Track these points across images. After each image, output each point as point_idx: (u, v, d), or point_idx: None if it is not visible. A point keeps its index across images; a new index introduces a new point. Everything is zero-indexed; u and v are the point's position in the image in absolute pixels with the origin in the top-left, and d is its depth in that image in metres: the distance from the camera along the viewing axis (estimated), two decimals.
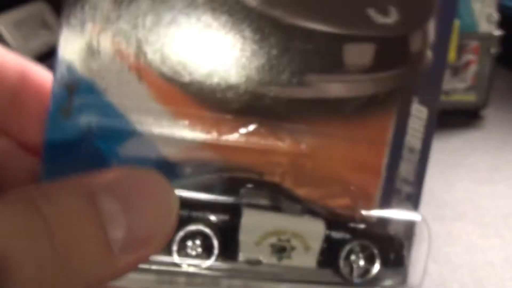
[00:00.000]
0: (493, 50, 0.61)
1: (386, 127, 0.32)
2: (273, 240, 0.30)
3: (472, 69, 0.62)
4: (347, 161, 0.32)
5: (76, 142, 0.29)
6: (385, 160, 0.32)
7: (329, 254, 0.30)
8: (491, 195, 0.49)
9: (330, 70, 0.31)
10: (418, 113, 0.32)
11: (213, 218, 0.29)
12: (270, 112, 0.31)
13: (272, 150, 0.32)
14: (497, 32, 0.61)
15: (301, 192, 0.32)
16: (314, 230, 0.30)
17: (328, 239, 0.30)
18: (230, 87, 0.31)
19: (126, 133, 0.30)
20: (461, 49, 0.61)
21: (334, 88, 0.32)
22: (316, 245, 0.30)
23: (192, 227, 0.29)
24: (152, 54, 0.30)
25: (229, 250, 0.29)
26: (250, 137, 0.31)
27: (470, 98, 0.63)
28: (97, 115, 0.29)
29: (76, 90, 0.29)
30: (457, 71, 0.62)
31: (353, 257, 0.31)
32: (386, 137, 0.32)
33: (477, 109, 0.63)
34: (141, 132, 0.30)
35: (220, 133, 0.31)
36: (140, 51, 0.30)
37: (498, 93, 0.66)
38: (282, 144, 0.32)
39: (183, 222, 0.28)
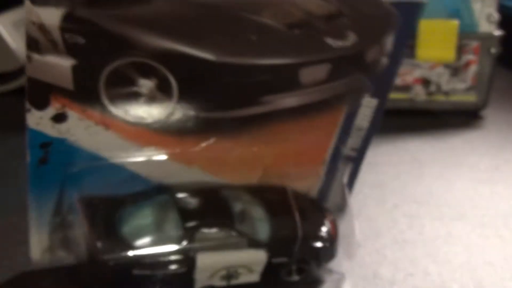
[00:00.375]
0: (494, 50, 0.61)
1: (336, 118, 0.38)
2: (223, 272, 0.34)
3: (472, 69, 0.62)
4: (296, 151, 0.38)
5: (56, 181, 0.34)
6: (334, 140, 0.38)
7: (270, 272, 0.35)
8: (491, 195, 0.49)
9: (286, 90, 0.36)
10: (369, 104, 0.38)
11: (172, 271, 0.33)
12: (228, 128, 0.36)
13: (228, 155, 0.36)
14: (498, 32, 0.61)
15: (256, 182, 0.37)
16: (257, 259, 0.35)
17: (269, 263, 0.35)
18: (190, 119, 0.35)
19: (101, 166, 0.35)
20: (461, 49, 0.61)
21: (288, 101, 0.36)
22: (259, 268, 0.35)
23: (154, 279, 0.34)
24: (115, 111, 0.33)
25: (186, 286, 0.34)
26: (210, 148, 0.36)
27: (470, 98, 0.63)
28: (72, 158, 0.34)
29: (50, 145, 0.33)
30: (457, 71, 0.62)
31: (291, 270, 0.36)
32: (336, 125, 0.38)
33: (477, 109, 0.63)
34: (113, 162, 0.35)
35: (184, 149, 0.36)
36: (104, 110, 0.33)
37: (498, 93, 0.66)
38: (238, 148, 0.36)
39: (146, 278, 0.33)
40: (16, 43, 0.61)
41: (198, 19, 0.32)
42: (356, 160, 0.40)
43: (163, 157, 0.36)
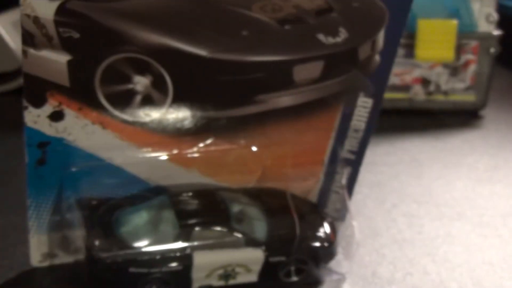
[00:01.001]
0: (493, 50, 0.61)
1: (333, 118, 0.38)
2: (220, 271, 0.34)
3: (471, 69, 0.62)
4: (294, 152, 0.37)
5: (54, 182, 0.34)
6: (331, 141, 0.38)
7: (269, 272, 0.35)
8: (490, 194, 0.49)
9: (280, 88, 0.35)
10: (364, 104, 0.38)
11: (168, 269, 0.33)
12: (225, 128, 0.36)
13: (226, 157, 0.36)
14: (497, 32, 0.61)
15: (253, 182, 0.37)
16: (255, 258, 0.35)
17: (267, 262, 0.35)
18: (187, 118, 0.34)
19: (99, 167, 0.35)
20: (460, 49, 0.61)
21: (284, 100, 0.36)
22: (257, 268, 0.35)
23: (151, 277, 0.33)
24: (112, 109, 0.33)
25: (183, 285, 0.34)
26: (208, 149, 0.36)
27: (469, 98, 0.63)
28: (70, 159, 0.34)
29: (48, 145, 0.33)
30: (456, 71, 0.62)
31: (290, 271, 0.36)
32: (333, 125, 0.38)
33: (476, 109, 0.63)
34: (111, 163, 0.35)
35: (181, 150, 0.35)
36: (101, 109, 0.33)
37: (497, 93, 0.66)
38: (235, 150, 0.36)
39: (143, 276, 0.33)
40: (16, 43, 0.61)
41: (190, 14, 0.32)
42: (355, 164, 0.40)
43: (161, 158, 0.36)
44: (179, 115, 0.34)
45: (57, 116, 0.33)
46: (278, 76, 0.35)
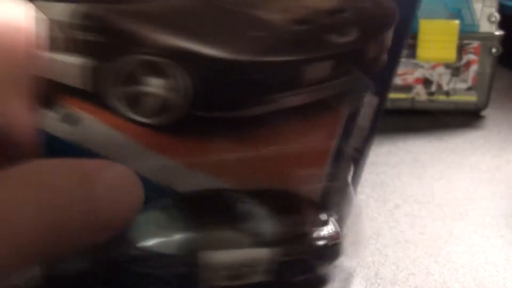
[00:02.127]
0: (494, 50, 0.61)
1: (337, 117, 0.37)
2: (226, 272, 0.34)
3: (473, 69, 0.62)
4: (298, 152, 0.37)
5: None
6: (336, 140, 0.37)
7: (275, 271, 0.35)
8: (492, 195, 0.49)
9: (290, 88, 0.35)
10: (370, 102, 0.37)
11: (174, 269, 0.33)
12: (231, 128, 0.35)
13: (232, 156, 0.36)
14: (498, 32, 0.61)
15: (258, 185, 0.37)
16: (261, 258, 0.35)
17: (272, 262, 0.35)
18: (197, 119, 0.34)
19: None
20: (462, 49, 0.61)
21: (290, 100, 0.35)
22: (263, 267, 0.35)
23: (156, 277, 0.33)
24: (125, 110, 0.33)
25: (189, 285, 0.34)
26: (212, 150, 0.35)
27: (471, 98, 0.63)
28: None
29: (58, 148, 0.33)
30: (458, 71, 0.62)
31: (296, 270, 0.36)
32: (338, 124, 0.37)
33: (478, 109, 0.63)
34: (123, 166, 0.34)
35: (189, 151, 0.35)
36: (115, 112, 0.33)
37: (499, 93, 0.66)
38: (242, 149, 0.36)
39: (147, 277, 0.33)
40: None
41: (203, 15, 0.32)
42: (359, 162, 0.40)
43: (170, 160, 0.36)
44: (191, 117, 0.34)
45: (68, 118, 0.33)
46: (288, 76, 0.35)
